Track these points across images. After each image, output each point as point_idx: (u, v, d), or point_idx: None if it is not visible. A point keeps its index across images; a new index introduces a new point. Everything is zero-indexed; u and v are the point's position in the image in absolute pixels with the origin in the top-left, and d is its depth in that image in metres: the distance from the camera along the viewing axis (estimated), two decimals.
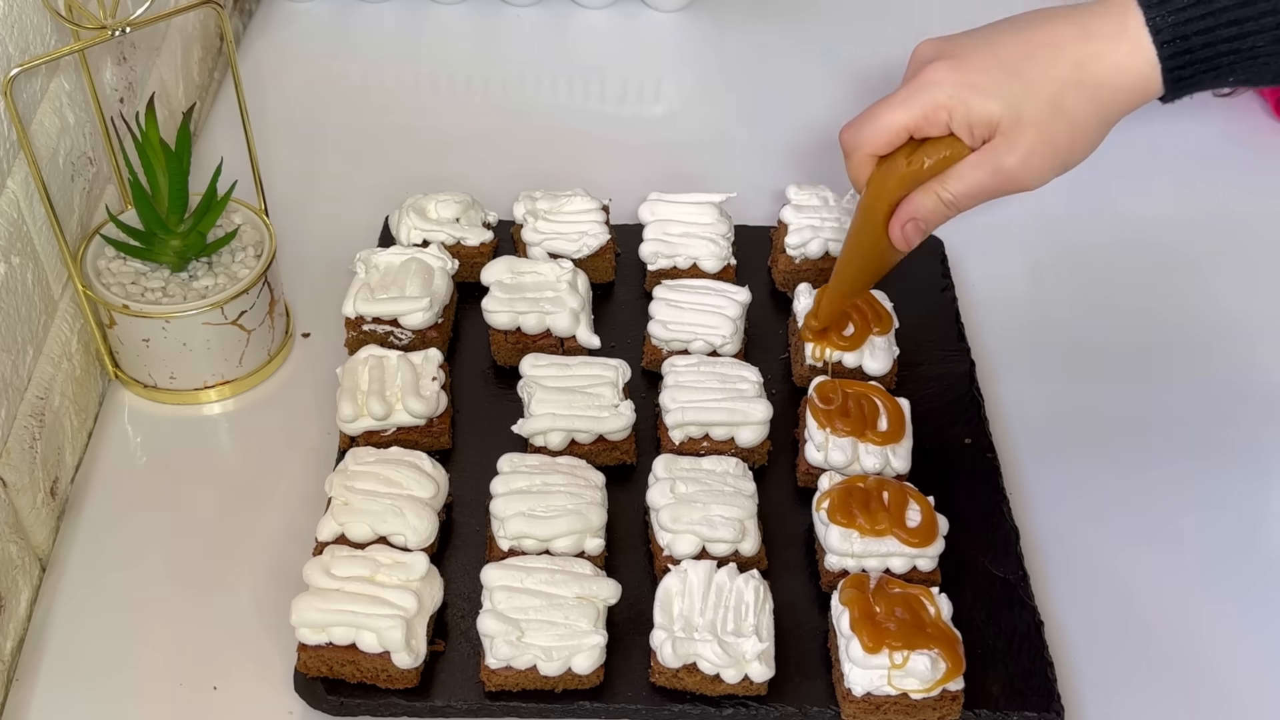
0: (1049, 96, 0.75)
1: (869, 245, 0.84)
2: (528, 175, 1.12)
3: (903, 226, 0.81)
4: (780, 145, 1.20)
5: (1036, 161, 0.77)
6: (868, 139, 0.80)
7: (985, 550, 0.87)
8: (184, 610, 0.85)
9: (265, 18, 1.34)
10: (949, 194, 0.79)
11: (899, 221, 0.81)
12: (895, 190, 0.80)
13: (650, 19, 1.36)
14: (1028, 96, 0.75)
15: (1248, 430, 0.98)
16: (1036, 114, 0.75)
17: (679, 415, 0.90)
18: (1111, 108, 0.76)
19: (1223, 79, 0.75)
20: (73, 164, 0.92)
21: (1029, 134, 0.76)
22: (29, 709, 0.80)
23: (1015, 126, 0.76)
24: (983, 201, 0.79)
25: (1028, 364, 1.02)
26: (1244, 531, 0.92)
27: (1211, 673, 0.84)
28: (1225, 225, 1.15)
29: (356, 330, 0.96)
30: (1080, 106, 0.76)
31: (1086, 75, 0.75)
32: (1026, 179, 0.77)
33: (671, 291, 0.98)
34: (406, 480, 0.85)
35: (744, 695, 0.79)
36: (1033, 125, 0.76)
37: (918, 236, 0.82)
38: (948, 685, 0.77)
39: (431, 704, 0.79)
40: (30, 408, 0.85)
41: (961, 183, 0.78)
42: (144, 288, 0.93)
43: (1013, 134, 0.76)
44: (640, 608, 0.82)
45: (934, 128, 0.78)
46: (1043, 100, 0.75)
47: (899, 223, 0.81)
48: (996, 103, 0.76)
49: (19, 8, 0.82)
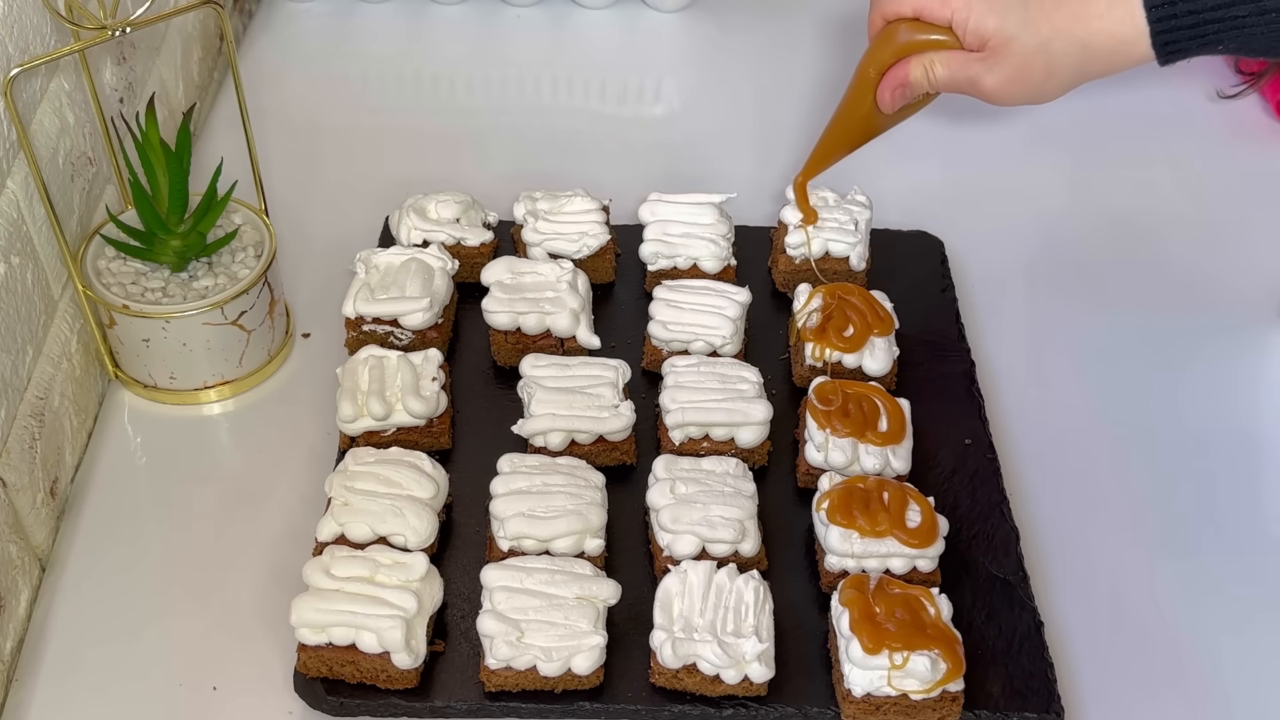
0: (1041, 36, 0.83)
1: (853, 102, 0.93)
2: (528, 175, 1.12)
3: (891, 89, 0.90)
4: (780, 145, 1.20)
5: (1010, 88, 0.86)
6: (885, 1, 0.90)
7: (985, 551, 0.87)
8: (184, 610, 0.85)
9: (265, 18, 1.34)
10: (934, 75, 0.88)
11: (888, 84, 0.90)
12: (889, 55, 0.89)
13: (650, 19, 1.36)
14: (1023, 28, 0.83)
15: (1248, 430, 0.98)
16: (1024, 46, 0.84)
17: (679, 416, 0.90)
18: (1092, 65, 0.84)
19: (1211, 47, 0.81)
20: (73, 164, 0.92)
21: (1012, 61, 0.84)
22: (29, 709, 0.80)
23: (1003, 48, 0.84)
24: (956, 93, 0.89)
25: (1028, 364, 1.02)
26: (1244, 531, 0.92)
27: (1211, 672, 0.84)
28: (1226, 225, 1.15)
29: (356, 330, 0.96)
30: (1064, 55, 0.84)
31: (1078, 29, 0.83)
32: (996, 98, 0.87)
33: (671, 292, 0.98)
34: (406, 480, 0.85)
35: (744, 696, 0.79)
36: (1018, 55, 0.84)
37: (900, 101, 0.91)
38: (948, 686, 0.77)
39: (431, 704, 0.80)
40: (30, 408, 0.85)
41: (947, 71, 0.87)
42: (144, 288, 0.93)
43: (999, 53, 0.85)
44: (640, 608, 0.82)
45: (936, 17, 0.87)
46: (1034, 37, 0.83)
47: (888, 85, 0.90)
48: (996, 20, 0.84)
49: (19, 8, 0.82)
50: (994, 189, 1.18)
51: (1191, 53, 0.82)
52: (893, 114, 0.93)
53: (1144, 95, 1.27)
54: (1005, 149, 1.22)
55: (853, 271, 1.03)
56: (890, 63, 0.89)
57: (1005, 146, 1.22)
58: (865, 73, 0.91)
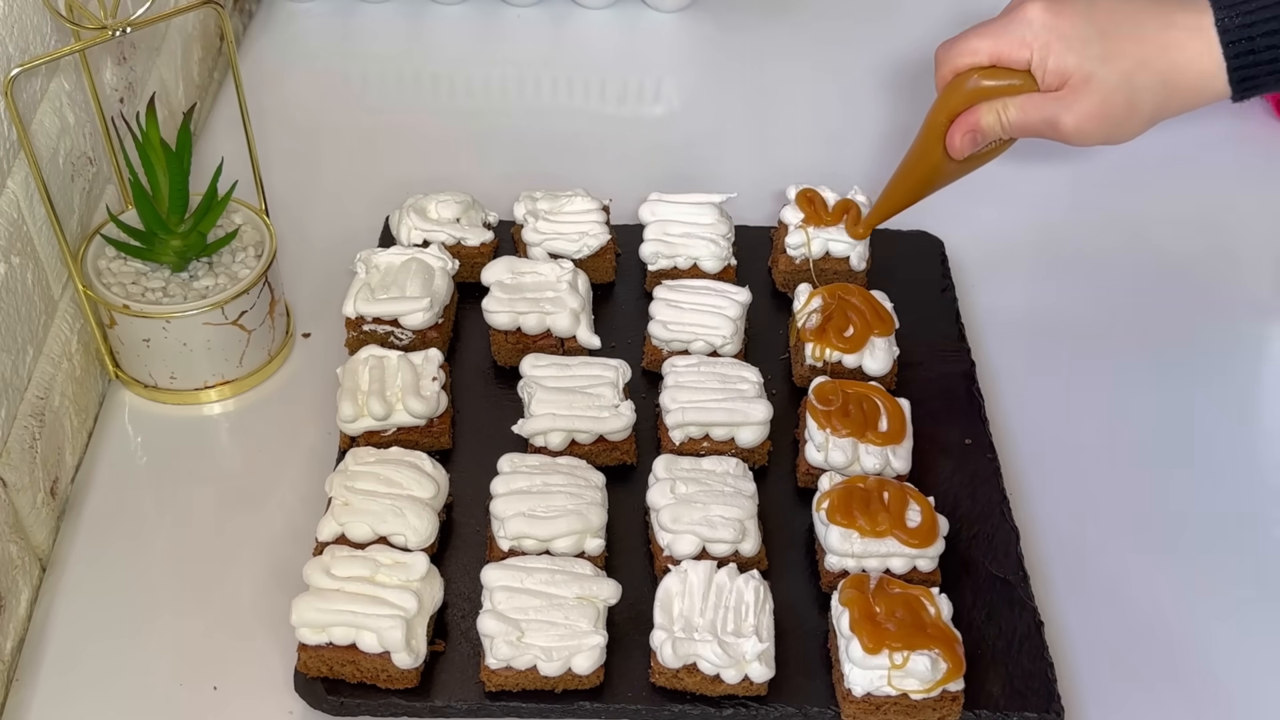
0: (1122, 70, 0.81)
1: (922, 151, 0.91)
2: (528, 175, 1.12)
3: (961, 134, 0.88)
4: (780, 145, 1.20)
5: (1090, 126, 0.83)
6: (954, 55, 0.87)
7: (985, 551, 0.87)
8: (184, 610, 0.85)
9: (265, 18, 1.34)
10: (1008, 119, 0.86)
11: (959, 128, 0.88)
12: (959, 103, 0.87)
13: (650, 19, 1.36)
14: (1104, 62, 0.81)
15: (1249, 430, 0.98)
16: (1105, 81, 0.82)
17: (679, 415, 0.90)
18: (1173, 99, 0.82)
19: None
20: (73, 164, 0.92)
21: (1093, 98, 0.82)
22: (29, 709, 0.80)
23: (1083, 85, 0.82)
24: (1031, 136, 0.87)
25: (1028, 364, 1.02)
26: (1244, 532, 0.92)
27: (1211, 673, 0.84)
28: (1226, 226, 1.15)
29: (357, 330, 0.96)
30: (1146, 89, 0.82)
31: (1160, 61, 0.81)
32: (1075, 138, 0.84)
33: (672, 292, 0.98)
34: (407, 480, 0.85)
35: (744, 695, 0.79)
36: (1099, 91, 0.82)
37: (970, 147, 0.88)
38: (948, 686, 0.77)
39: (431, 704, 0.80)
40: (30, 408, 0.85)
41: (1021, 114, 0.85)
42: (144, 288, 0.93)
43: (1079, 91, 0.82)
44: (640, 608, 0.82)
45: (1015, 60, 0.84)
46: (1116, 71, 0.81)
47: (959, 129, 0.88)
48: (1075, 57, 0.82)
49: (19, 8, 0.82)
50: (994, 189, 1.17)
51: (1268, 88, 0.81)
52: (965, 163, 0.91)
53: None
54: (1007, 150, 1.22)
55: (853, 271, 1.03)
56: (960, 110, 0.87)
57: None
58: (935, 120, 0.89)
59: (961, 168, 0.92)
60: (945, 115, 0.88)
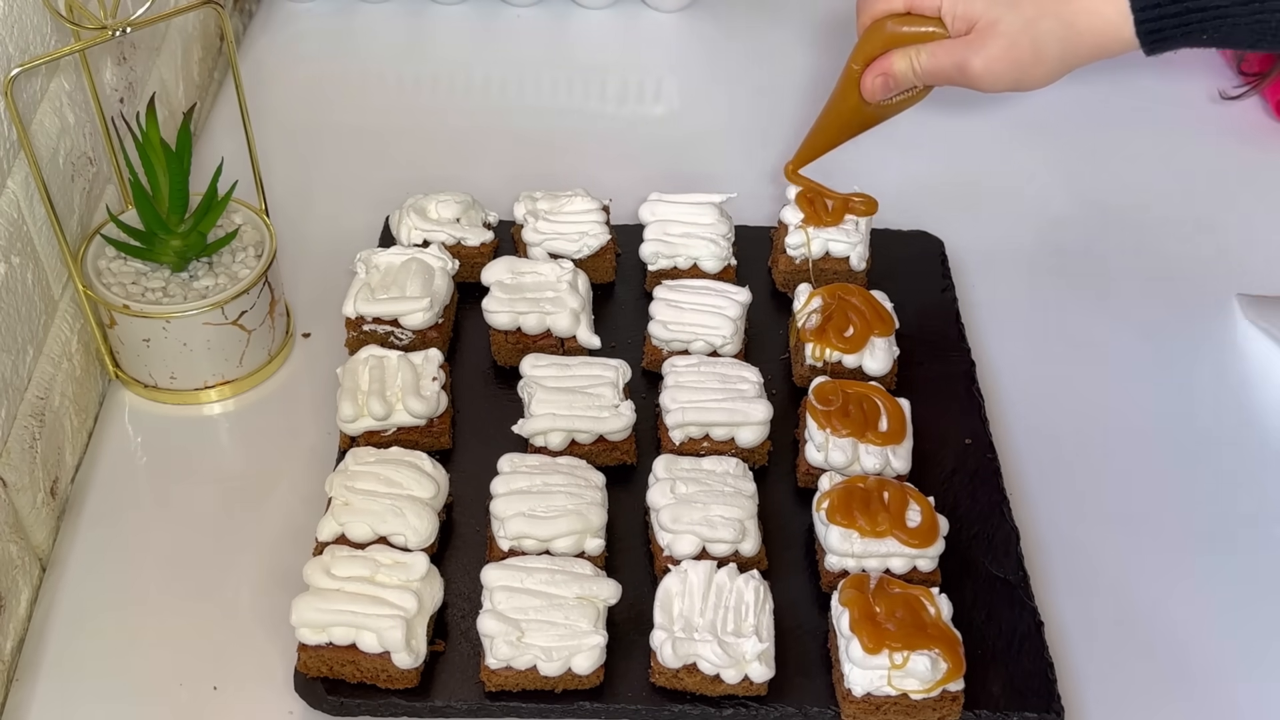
0: (1027, 17, 0.84)
1: (840, 96, 0.95)
2: (528, 175, 1.12)
3: (873, 77, 0.91)
4: (780, 145, 1.20)
5: (996, 69, 0.86)
6: (872, 2, 0.91)
7: (985, 551, 0.87)
8: (184, 610, 0.85)
9: (265, 18, 1.34)
10: (919, 65, 0.89)
11: (873, 72, 0.91)
12: (876, 48, 0.91)
13: (650, 19, 1.36)
14: (1010, 9, 0.85)
15: (1249, 428, 0.98)
16: (1010, 27, 0.85)
17: (679, 415, 0.90)
18: (1077, 49, 0.85)
19: (1195, 37, 0.82)
20: (73, 164, 0.92)
21: (999, 42, 0.85)
22: (29, 709, 0.80)
23: (989, 30, 0.85)
24: (943, 84, 0.90)
25: (1028, 364, 1.02)
26: (1245, 531, 0.92)
27: (1212, 672, 0.84)
28: (1227, 225, 1.15)
29: (357, 330, 0.96)
30: (1050, 35, 0.85)
31: (1064, 10, 0.84)
32: (983, 81, 0.87)
33: (672, 292, 0.98)
34: (407, 480, 0.85)
35: (744, 695, 0.79)
36: (1004, 36, 0.85)
37: (882, 91, 0.92)
38: (948, 686, 0.77)
39: (431, 704, 0.80)
40: (30, 408, 0.85)
41: (932, 60, 0.88)
42: (144, 288, 0.93)
43: (986, 35, 0.86)
44: (640, 608, 0.82)
45: (925, 7, 0.88)
46: (1021, 18, 0.84)
47: (872, 73, 0.91)
48: (983, 3, 0.85)
49: (19, 8, 0.82)
50: (994, 189, 1.18)
51: (1176, 42, 0.82)
52: (883, 108, 0.94)
53: (1144, 95, 1.27)
54: (1005, 149, 1.22)
55: (853, 271, 1.03)
56: (878, 53, 0.91)
57: (1005, 146, 1.22)
58: (851, 66, 0.93)
59: (880, 112, 0.95)
60: (862, 60, 0.92)
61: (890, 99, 0.94)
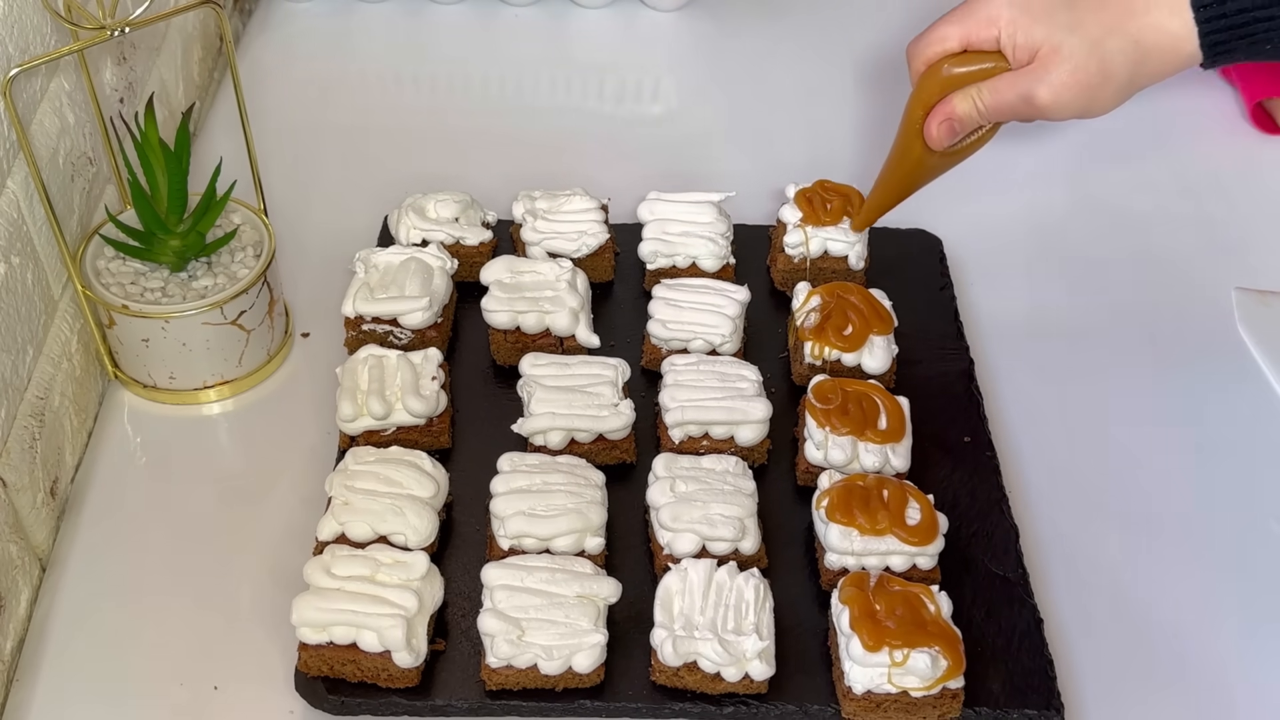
0: (1092, 38, 0.81)
1: (904, 147, 0.91)
2: (527, 175, 1.12)
3: (937, 124, 0.87)
4: (779, 144, 1.20)
5: (1065, 96, 0.82)
6: (924, 47, 0.87)
7: (985, 548, 0.88)
8: (184, 610, 0.85)
9: (265, 18, 1.34)
10: (983, 103, 0.85)
11: (935, 118, 0.87)
12: (934, 93, 0.87)
13: (649, 19, 1.36)
14: (1072, 32, 0.81)
15: (1249, 427, 0.98)
16: (1075, 50, 0.81)
17: (678, 414, 0.90)
18: (1145, 67, 0.82)
19: (1259, 48, 0.79)
20: (72, 164, 0.92)
21: (1064, 68, 0.82)
22: (29, 709, 0.80)
23: (1053, 56, 0.82)
24: (1010, 120, 0.86)
25: (1027, 362, 1.02)
26: (1244, 528, 0.92)
27: (1211, 668, 0.84)
28: (1226, 224, 1.15)
29: (356, 330, 0.96)
30: (1117, 55, 0.81)
31: (1129, 27, 0.81)
32: (1051, 110, 0.83)
33: (671, 290, 0.98)
34: (406, 480, 0.85)
35: (744, 693, 0.79)
36: (1070, 60, 0.81)
37: (948, 137, 0.88)
38: (948, 683, 0.77)
39: (432, 703, 0.80)
40: (30, 408, 0.85)
41: (995, 96, 0.84)
42: (143, 288, 0.93)
43: (1049, 63, 0.82)
44: (640, 606, 0.82)
45: (983, 40, 0.84)
46: (1085, 39, 0.81)
47: (935, 119, 0.87)
48: (1043, 29, 0.82)
49: (19, 8, 0.82)
50: (993, 187, 1.18)
51: (1239, 54, 0.80)
52: (950, 154, 0.90)
53: (1144, 95, 1.27)
54: (1004, 148, 1.22)
55: (851, 270, 1.03)
56: (937, 98, 0.87)
57: (1004, 145, 1.22)
58: (913, 114, 0.88)
59: (946, 160, 0.91)
60: (922, 108, 0.88)
61: (957, 144, 0.89)
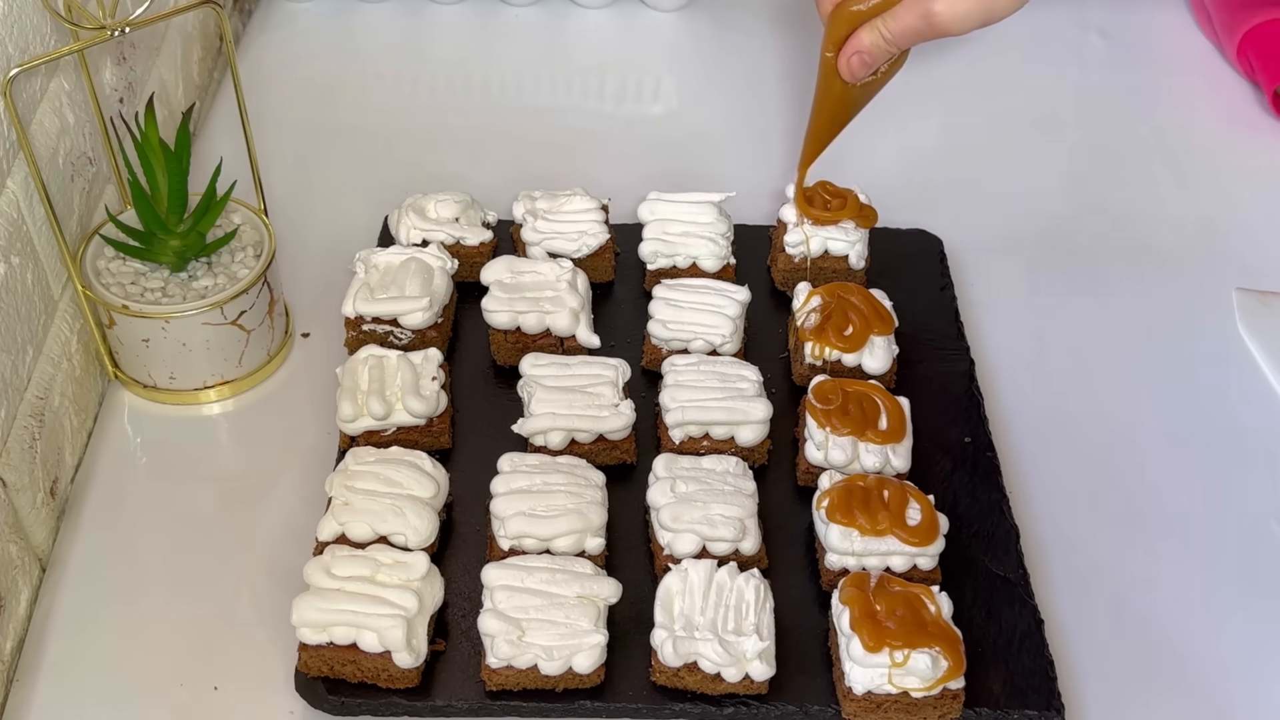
0: None
1: (824, 88, 0.94)
2: (527, 175, 1.12)
3: (848, 59, 0.90)
4: (780, 145, 1.20)
5: (961, 7, 0.84)
6: None
7: (985, 549, 0.88)
8: (184, 610, 0.85)
9: (265, 18, 1.34)
10: (888, 31, 0.88)
11: (845, 54, 0.90)
12: (843, 30, 0.90)
13: (649, 19, 1.36)
14: None
15: (1249, 427, 0.98)
16: None
17: (679, 414, 0.90)
18: None
19: None
20: (72, 164, 0.92)
21: None
22: (29, 709, 0.80)
23: None
24: (917, 42, 0.88)
25: (1027, 363, 1.02)
26: (1245, 529, 0.92)
27: (1211, 670, 0.84)
28: (1226, 224, 1.15)
29: (356, 330, 0.96)
30: None
31: None
32: (952, 23, 0.85)
33: (671, 291, 0.98)
34: (407, 480, 0.85)
35: (745, 694, 0.79)
36: None
37: (862, 70, 0.91)
38: (948, 684, 0.77)
39: (432, 703, 0.80)
40: (30, 408, 0.85)
41: (897, 22, 0.87)
42: (143, 288, 0.93)
43: None
44: (641, 607, 0.82)
45: None
46: None
47: (845, 55, 0.91)
48: None
49: (19, 8, 0.82)
50: (993, 187, 1.18)
51: None
52: (867, 86, 0.93)
53: (1144, 94, 1.27)
54: (1005, 147, 1.22)
55: (852, 270, 1.03)
56: (846, 34, 0.90)
57: (1005, 145, 1.22)
58: (824, 55, 0.92)
59: (866, 91, 0.94)
60: (833, 46, 0.91)
61: (872, 75, 0.93)
